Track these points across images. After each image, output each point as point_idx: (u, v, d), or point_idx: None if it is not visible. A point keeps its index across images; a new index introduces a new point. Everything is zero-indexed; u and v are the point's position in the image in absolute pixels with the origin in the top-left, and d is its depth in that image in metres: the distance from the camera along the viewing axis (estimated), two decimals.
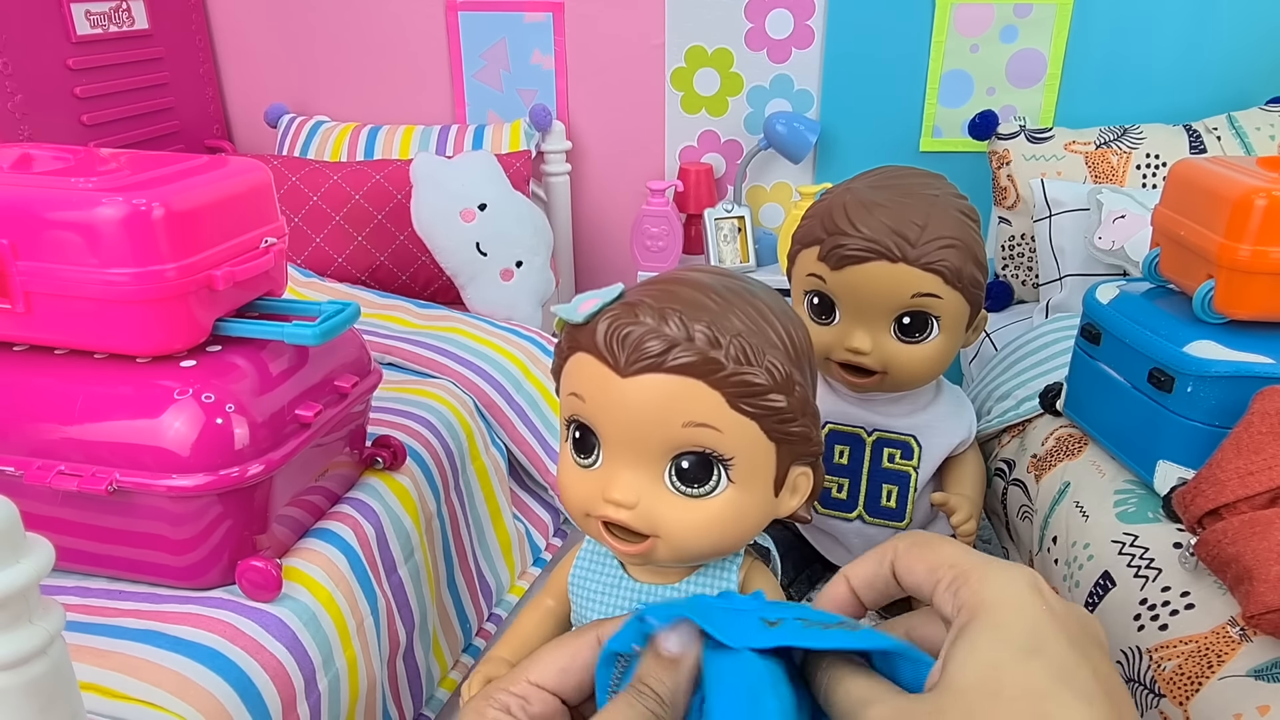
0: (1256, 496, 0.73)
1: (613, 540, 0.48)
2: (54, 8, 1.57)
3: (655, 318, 0.44)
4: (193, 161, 0.83)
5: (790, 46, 1.82)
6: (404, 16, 1.90)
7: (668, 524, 0.46)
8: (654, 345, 0.44)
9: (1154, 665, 0.76)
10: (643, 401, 0.44)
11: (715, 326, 0.44)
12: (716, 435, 0.45)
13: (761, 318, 0.47)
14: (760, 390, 0.45)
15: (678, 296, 0.46)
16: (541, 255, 1.58)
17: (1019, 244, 1.65)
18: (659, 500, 0.46)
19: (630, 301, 0.46)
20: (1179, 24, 1.68)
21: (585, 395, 0.46)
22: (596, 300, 0.47)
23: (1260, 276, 0.81)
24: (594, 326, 0.46)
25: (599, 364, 0.45)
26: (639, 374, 0.44)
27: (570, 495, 0.49)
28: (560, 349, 0.49)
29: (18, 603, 0.39)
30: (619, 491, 0.46)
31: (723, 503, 0.46)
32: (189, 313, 0.78)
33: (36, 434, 0.77)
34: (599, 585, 0.53)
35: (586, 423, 0.47)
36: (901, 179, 0.86)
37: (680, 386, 0.44)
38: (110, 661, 0.73)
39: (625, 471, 0.46)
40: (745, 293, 0.48)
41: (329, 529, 0.93)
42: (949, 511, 0.92)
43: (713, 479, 0.46)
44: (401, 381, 1.29)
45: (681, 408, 0.44)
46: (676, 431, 0.45)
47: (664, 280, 0.48)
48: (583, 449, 0.48)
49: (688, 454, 0.45)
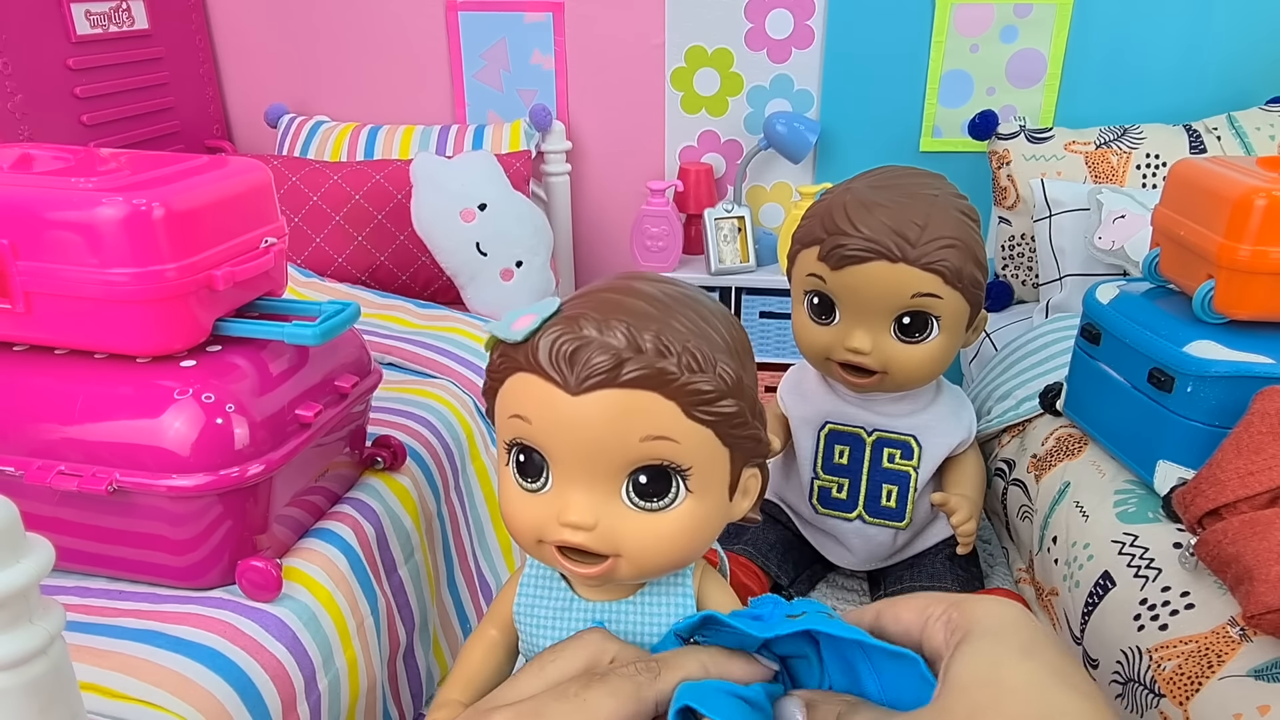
0: (1256, 496, 0.73)
1: (570, 564, 0.46)
2: (54, 8, 1.57)
3: (601, 330, 0.42)
4: (193, 161, 0.83)
5: (790, 46, 1.82)
6: (404, 16, 1.90)
7: (629, 541, 0.45)
8: (605, 360, 0.42)
9: (1154, 665, 0.76)
10: (596, 419, 0.43)
11: (664, 335, 0.43)
12: (674, 446, 0.43)
13: (704, 321, 0.46)
14: (714, 396, 0.44)
15: (621, 306, 0.44)
16: (541, 255, 1.58)
17: (1019, 244, 1.65)
18: (618, 518, 0.45)
19: (571, 315, 0.44)
20: (1179, 24, 1.68)
21: (531, 416, 0.44)
22: (533, 316, 0.44)
23: (1260, 276, 0.81)
24: (535, 344, 0.44)
25: (544, 383, 0.43)
26: (590, 390, 0.42)
27: (519, 522, 0.47)
28: (494, 369, 0.47)
29: (18, 603, 0.39)
30: (575, 514, 0.44)
31: (682, 514, 0.45)
32: (189, 313, 0.78)
33: (36, 434, 0.77)
34: (548, 610, 0.51)
35: (532, 445, 0.45)
36: (901, 179, 0.86)
37: (635, 400, 0.42)
38: (110, 661, 0.73)
39: (579, 492, 0.45)
40: (684, 297, 0.47)
41: (329, 529, 0.93)
42: (949, 511, 0.92)
43: (671, 491, 0.45)
44: (401, 381, 1.29)
45: (637, 422, 0.43)
46: (634, 447, 0.43)
47: (601, 291, 0.46)
48: (528, 472, 0.46)
49: (645, 468, 0.44)
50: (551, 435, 0.44)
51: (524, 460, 0.46)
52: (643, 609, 0.50)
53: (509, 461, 0.47)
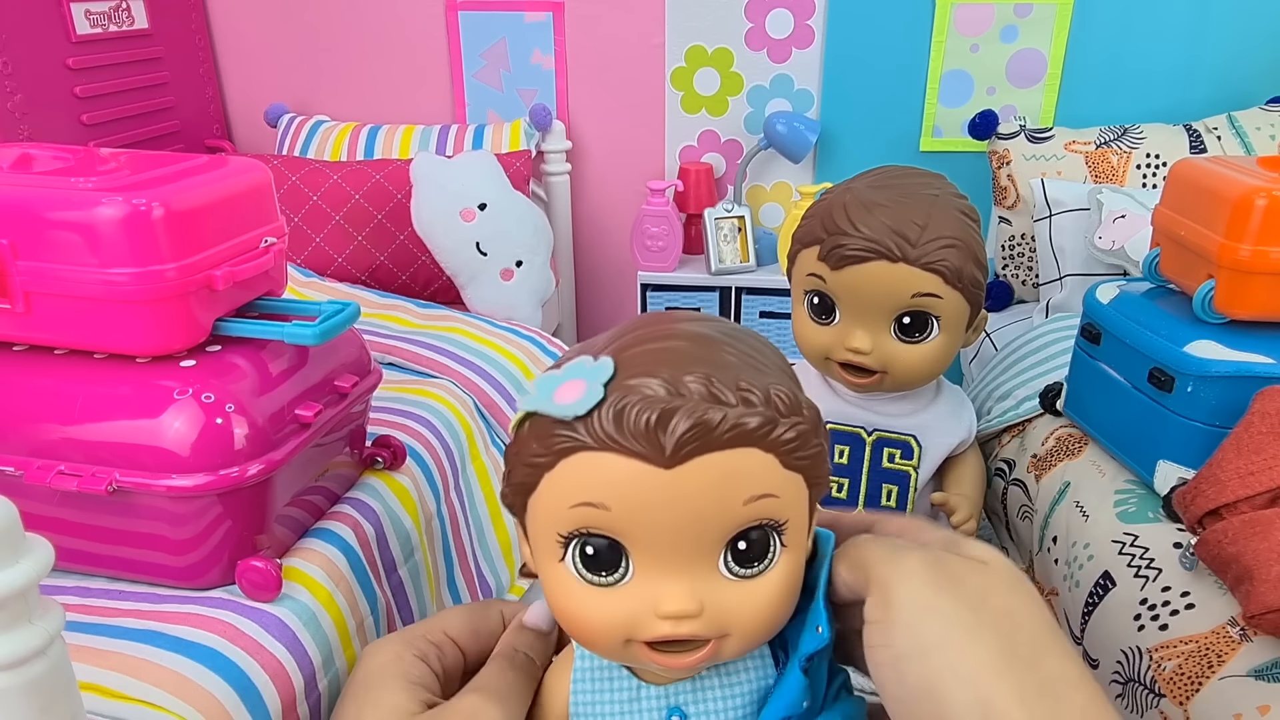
0: (1257, 496, 0.73)
1: (665, 659, 0.40)
2: (54, 7, 1.57)
3: (679, 388, 0.37)
4: (193, 161, 0.83)
5: (790, 46, 1.82)
6: (404, 16, 1.90)
7: (737, 617, 0.40)
8: (698, 421, 0.36)
9: (1154, 665, 0.76)
10: (697, 490, 0.37)
11: (744, 381, 0.38)
12: (775, 503, 0.39)
13: (765, 355, 0.42)
14: (806, 437, 0.39)
15: (686, 355, 0.38)
16: (541, 255, 1.58)
17: (1019, 244, 1.65)
18: (719, 594, 0.39)
19: (634, 374, 0.37)
20: (1179, 24, 1.68)
21: (610, 502, 0.38)
22: (582, 382, 0.38)
23: (1260, 276, 0.82)
24: (602, 416, 0.37)
25: (627, 460, 0.37)
26: (689, 458, 0.37)
27: (595, 626, 0.40)
28: (531, 454, 0.39)
29: (17, 603, 0.39)
30: (677, 603, 0.38)
31: (781, 572, 0.40)
32: (189, 313, 0.78)
33: (36, 434, 0.77)
34: (613, 705, 0.44)
35: (609, 534, 0.39)
36: (902, 179, 0.86)
37: (737, 460, 0.37)
38: (110, 661, 0.73)
39: (674, 576, 0.39)
40: (733, 331, 0.42)
41: (329, 529, 0.93)
42: (949, 511, 0.92)
43: (770, 551, 0.40)
44: (401, 381, 1.29)
45: (740, 484, 0.38)
46: (736, 512, 0.38)
47: (646, 339, 0.40)
48: (601, 567, 0.39)
49: (745, 533, 0.39)
50: (640, 518, 0.38)
51: (593, 554, 0.39)
52: (722, 683, 0.44)
53: (567, 557, 0.40)
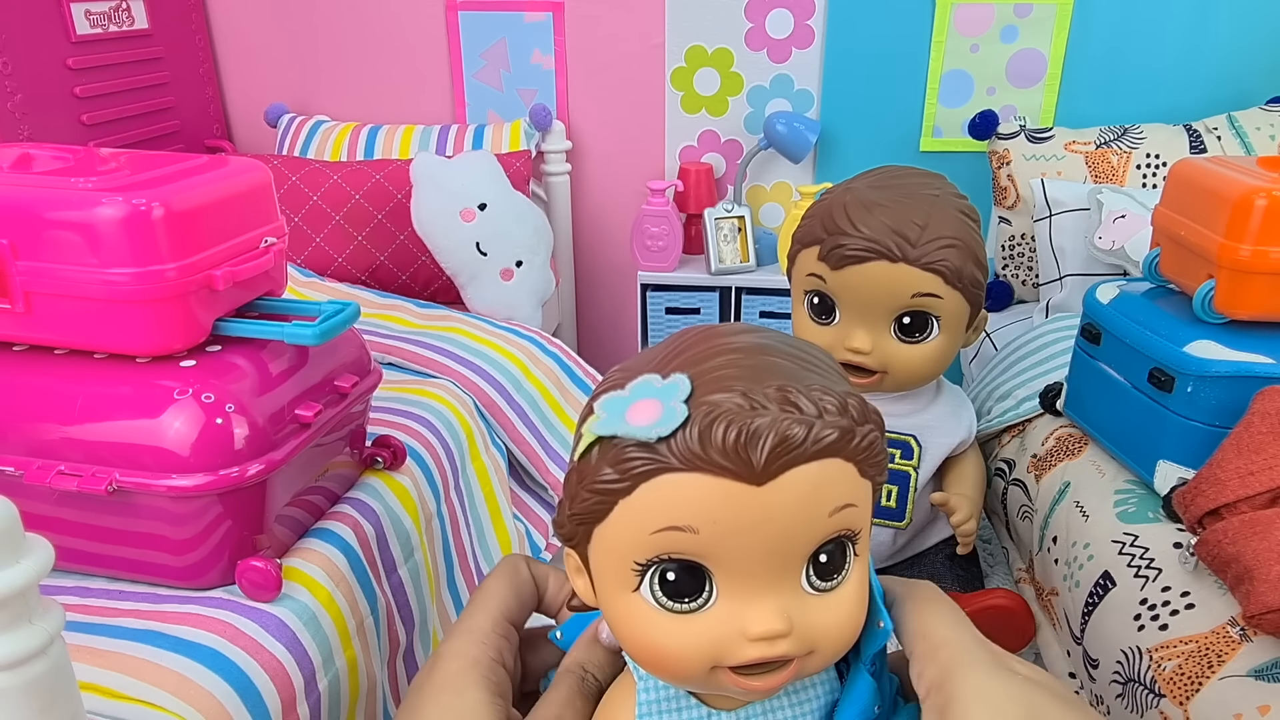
0: (1257, 496, 0.73)
1: (751, 681, 0.38)
2: (54, 7, 1.57)
3: (761, 401, 0.36)
4: (193, 161, 0.83)
5: (790, 46, 1.82)
6: (404, 16, 1.90)
7: (823, 632, 0.39)
8: (792, 432, 0.35)
9: (1154, 665, 0.76)
10: (788, 505, 0.36)
11: (821, 390, 0.37)
12: (855, 512, 0.39)
13: (826, 362, 0.41)
14: (877, 444, 0.39)
15: (755, 369, 0.38)
16: (541, 255, 1.58)
17: (1019, 244, 1.65)
18: (805, 611, 0.38)
19: (710, 390, 0.37)
20: (1179, 24, 1.68)
21: (699, 524, 0.36)
22: (658, 407, 0.37)
23: (1260, 276, 0.81)
24: (687, 435, 0.36)
25: (717, 480, 0.36)
26: (779, 473, 0.36)
27: (679, 653, 0.38)
28: (602, 480, 0.38)
29: (18, 603, 0.39)
30: (768, 623, 0.37)
31: (855, 583, 0.40)
32: (189, 313, 0.78)
33: (36, 434, 0.77)
34: None
35: (691, 559, 0.37)
36: (902, 179, 0.86)
37: (823, 472, 0.37)
38: (110, 661, 0.73)
39: (760, 598, 0.38)
40: (790, 340, 0.41)
41: (329, 529, 0.93)
42: (949, 511, 0.92)
43: (846, 562, 0.39)
44: (401, 381, 1.29)
45: (827, 496, 0.37)
46: (822, 524, 0.38)
47: (708, 353, 0.39)
48: (683, 593, 0.38)
49: (825, 545, 0.38)
50: (730, 539, 0.36)
51: (674, 579, 0.38)
52: (792, 705, 0.43)
53: (643, 586, 0.38)
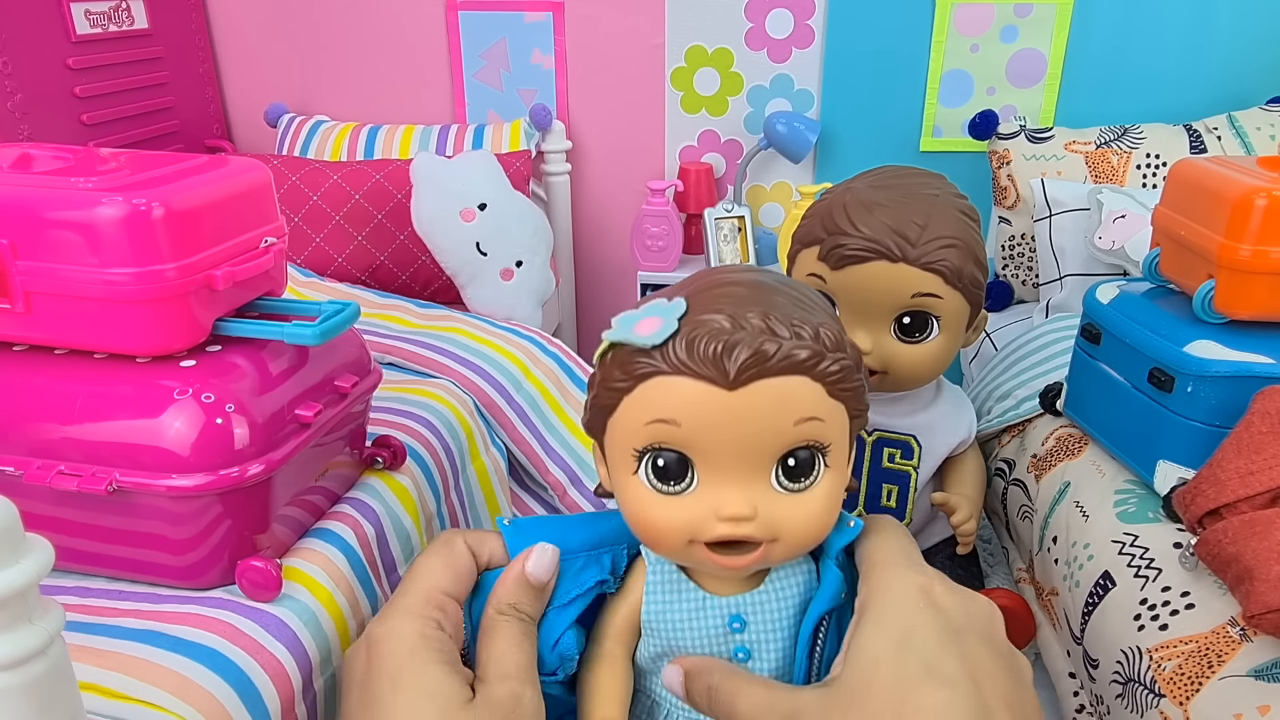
0: (1257, 496, 0.73)
1: (722, 559, 0.46)
2: (54, 7, 1.57)
3: (741, 323, 0.43)
4: (193, 161, 0.83)
5: (790, 46, 1.82)
6: (404, 16, 1.90)
7: (785, 524, 0.46)
8: (756, 351, 0.42)
9: (1154, 665, 0.76)
10: (754, 410, 0.43)
11: (796, 320, 0.44)
12: (821, 426, 0.45)
13: (819, 302, 0.47)
14: (848, 373, 0.45)
15: (751, 299, 0.45)
16: (541, 255, 1.58)
17: (1019, 244, 1.65)
18: (772, 504, 0.46)
19: (702, 311, 0.44)
20: (1179, 24, 1.68)
21: (680, 419, 0.44)
22: (658, 319, 0.44)
23: (1260, 276, 0.81)
24: (676, 345, 0.44)
25: (696, 383, 0.43)
26: (749, 382, 0.43)
27: (664, 527, 0.46)
28: (619, 379, 0.46)
29: (17, 603, 0.39)
30: (735, 507, 0.45)
31: (824, 489, 0.46)
32: (189, 313, 0.78)
33: (36, 434, 0.77)
34: (682, 613, 0.50)
35: (676, 448, 0.45)
36: (902, 179, 0.85)
37: (788, 386, 0.43)
38: (110, 661, 0.73)
39: (732, 486, 0.45)
40: (786, 282, 0.48)
41: (329, 529, 0.93)
42: (949, 511, 0.92)
43: (815, 469, 0.46)
44: (401, 381, 1.29)
45: (792, 407, 0.44)
46: (787, 432, 0.44)
47: (712, 285, 0.47)
48: (669, 476, 0.46)
49: (794, 451, 0.45)
50: (705, 434, 0.44)
51: (662, 465, 0.46)
52: (776, 593, 0.50)
53: (640, 470, 0.46)
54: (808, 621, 0.48)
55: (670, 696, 0.52)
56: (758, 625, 0.49)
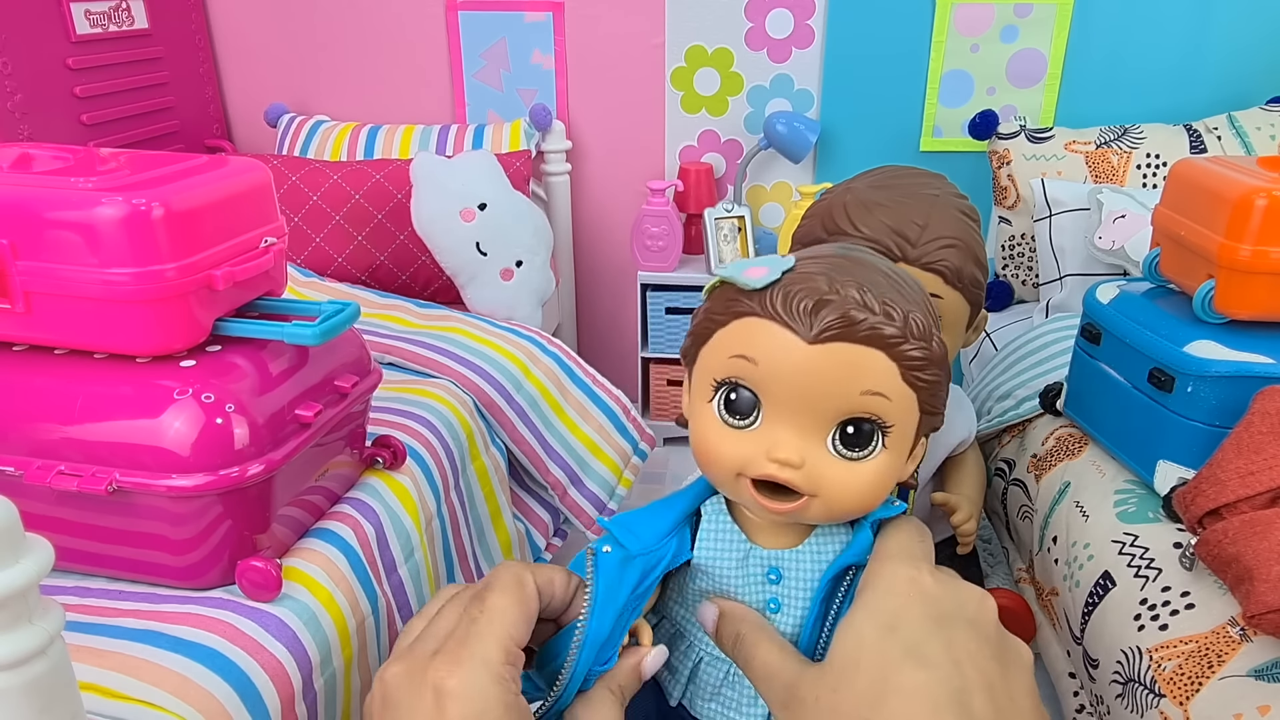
0: (1257, 496, 0.73)
1: (765, 500, 0.48)
2: (54, 7, 1.57)
3: (838, 289, 0.45)
4: (193, 161, 0.83)
5: (790, 46, 1.82)
6: (404, 16, 1.91)
7: (829, 485, 0.47)
8: (843, 315, 0.45)
9: (1154, 665, 0.76)
10: (826, 368, 0.45)
11: (890, 300, 0.46)
12: (886, 403, 0.46)
13: (919, 295, 0.49)
14: (927, 364, 0.47)
15: (853, 270, 0.47)
16: (541, 255, 1.58)
17: (1019, 244, 1.65)
18: (821, 462, 0.47)
19: (806, 271, 0.47)
20: (1179, 24, 1.68)
21: (759, 359, 0.47)
22: (766, 269, 0.47)
23: (1260, 276, 0.81)
24: (773, 293, 0.46)
25: (781, 329, 0.46)
26: (828, 341, 0.45)
27: (721, 455, 0.49)
28: (718, 311, 0.49)
29: (18, 603, 0.39)
30: (786, 451, 0.47)
31: (876, 466, 0.48)
32: (189, 312, 0.78)
33: (36, 434, 0.77)
34: (730, 559, 0.53)
35: (750, 386, 0.48)
36: (902, 179, 0.85)
37: (864, 356, 0.45)
38: (110, 661, 0.73)
39: (789, 433, 0.47)
40: (900, 273, 0.50)
41: (329, 529, 0.93)
42: (949, 510, 0.92)
43: (872, 444, 0.47)
44: (401, 381, 1.29)
45: (862, 376, 0.46)
46: (852, 398, 0.46)
47: (828, 255, 0.49)
48: (738, 410, 0.49)
49: (854, 420, 0.47)
50: (777, 378, 0.47)
51: (734, 398, 0.48)
52: (811, 554, 0.52)
53: (715, 399, 0.49)
54: (831, 569, 0.51)
55: (695, 631, 0.54)
56: (790, 580, 0.52)
